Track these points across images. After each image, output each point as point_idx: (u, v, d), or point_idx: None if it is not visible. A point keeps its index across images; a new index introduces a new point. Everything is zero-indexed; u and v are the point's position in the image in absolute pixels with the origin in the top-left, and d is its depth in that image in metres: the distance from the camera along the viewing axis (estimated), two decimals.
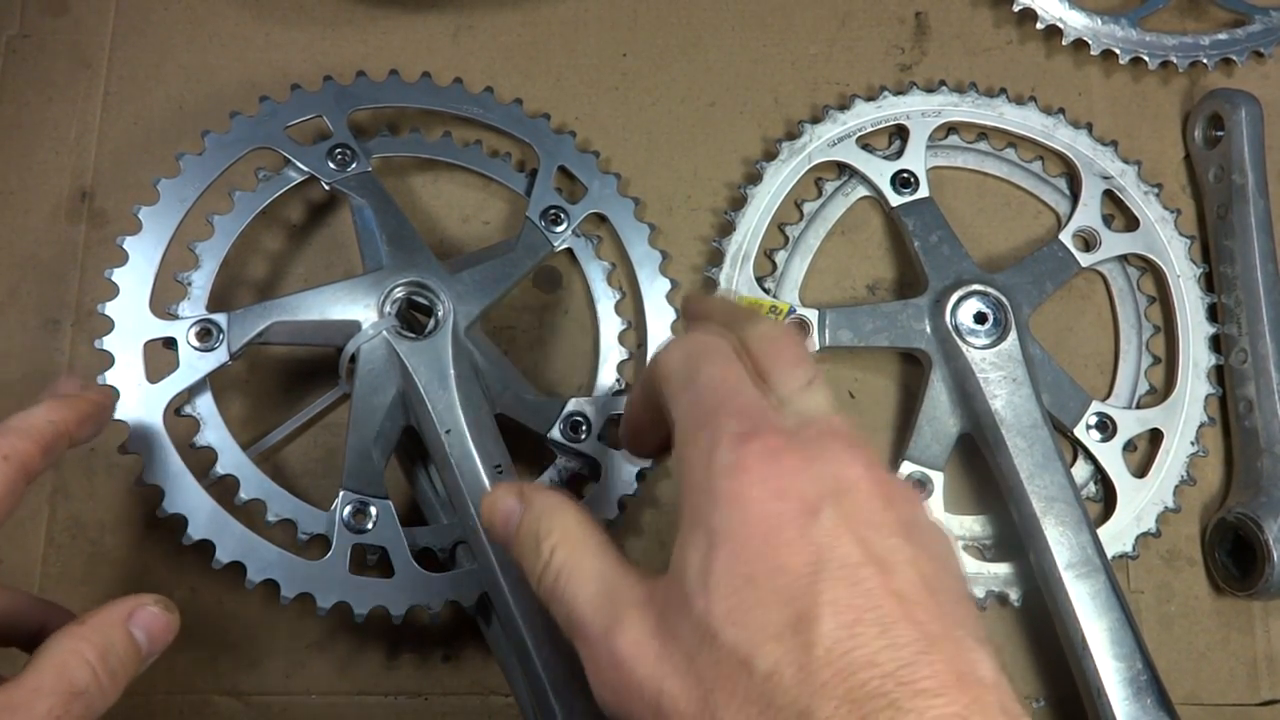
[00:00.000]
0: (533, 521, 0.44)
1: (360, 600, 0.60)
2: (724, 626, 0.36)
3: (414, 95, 0.71)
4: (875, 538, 0.37)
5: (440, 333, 0.62)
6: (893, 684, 0.34)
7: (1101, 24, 0.78)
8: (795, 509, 0.37)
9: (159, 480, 0.59)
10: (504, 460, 0.60)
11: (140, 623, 0.47)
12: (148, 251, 0.62)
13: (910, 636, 0.35)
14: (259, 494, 0.62)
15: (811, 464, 0.38)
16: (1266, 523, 0.67)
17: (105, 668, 0.44)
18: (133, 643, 0.46)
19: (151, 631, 0.47)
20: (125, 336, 0.61)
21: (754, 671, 0.35)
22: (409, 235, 0.65)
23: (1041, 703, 0.68)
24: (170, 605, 0.48)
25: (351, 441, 0.61)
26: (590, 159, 0.72)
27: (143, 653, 0.47)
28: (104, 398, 0.55)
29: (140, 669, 0.47)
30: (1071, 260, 0.73)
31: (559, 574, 0.42)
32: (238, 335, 0.61)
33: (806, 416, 0.41)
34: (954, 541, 0.41)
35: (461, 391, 0.60)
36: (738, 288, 0.70)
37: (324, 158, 0.66)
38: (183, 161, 0.64)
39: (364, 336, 0.61)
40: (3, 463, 0.46)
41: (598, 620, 0.40)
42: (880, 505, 0.38)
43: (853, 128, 0.74)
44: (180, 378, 0.60)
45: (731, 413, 0.40)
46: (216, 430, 0.62)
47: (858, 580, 0.36)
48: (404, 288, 0.63)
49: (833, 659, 0.35)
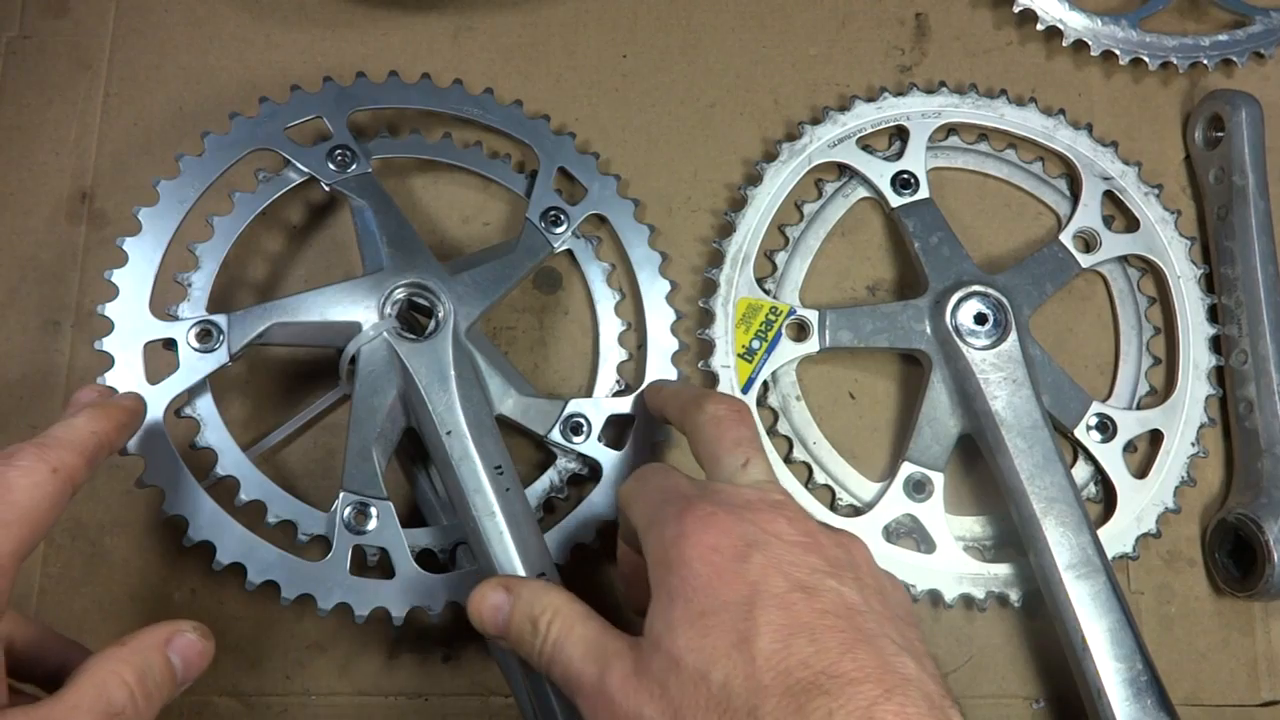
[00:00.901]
0: (525, 607, 0.50)
1: (361, 601, 0.60)
2: (685, 654, 0.44)
3: (414, 96, 0.71)
4: (799, 572, 0.46)
5: (441, 334, 0.62)
6: (824, 678, 0.42)
7: (1102, 25, 0.78)
8: (729, 555, 0.46)
9: (160, 482, 0.60)
10: (504, 461, 0.60)
11: (177, 648, 0.48)
12: (147, 253, 0.62)
13: (836, 642, 0.44)
14: (259, 495, 0.63)
15: (740, 522, 0.47)
16: (1267, 523, 0.67)
17: (143, 690, 0.45)
18: (169, 667, 0.47)
19: (187, 658, 0.48)
20: (125, 337, 0.61)
21: (711, 684, 0.43)
22: (409, 236, 0.65)
23: (1041, 703, 0.68)
24: (207, 633, 0.49)
25: (351, 443, 0.61)
26: (590, 160, 0.72)
27: (178, 678, 0.48)
28: (136, 404, 0.56)
29: (175, 694, 0.48)
30: (1072, 261, 0.73)
31: (556, 642, 0.49)
32: (238, 336, 0.61)
33: (742, 488, 0.51)
34: (894, 579, 0.51)
35: (462, 393, 0.60)
36: (738, 289, 0.70)
37: (324, 159, 0.66)
38: (182, 163, 0.64)
39: (364, 338, 0.61)
40: (51, 475, 0.46)
41: (590, 670, 0.47)
42: (801, 550, 0.47)
43: (853, 129, 0.74)
44: (180, 379, 0.61)
45: (673, 498, 0.49)
46: (216, 431, 0.63)
47: (788, 605, 0.45)
48: (404, 289, 0.63)
49: (772, 665, 0.43)
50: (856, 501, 0.70)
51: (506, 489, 0.59)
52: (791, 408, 0.71)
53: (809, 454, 0.70)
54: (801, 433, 0.71)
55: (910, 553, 0.68)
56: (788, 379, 0.72)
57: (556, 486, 0.67)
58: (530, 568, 0.57)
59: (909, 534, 0.69)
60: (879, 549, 0.67)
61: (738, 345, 0.69)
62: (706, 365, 0.69)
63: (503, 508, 0.58)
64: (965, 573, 0.67)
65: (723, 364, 0.69)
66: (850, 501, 0.70)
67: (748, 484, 0.52)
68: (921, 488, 0.68)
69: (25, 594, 0.66)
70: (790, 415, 0.71)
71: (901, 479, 0.68)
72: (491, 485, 0.58)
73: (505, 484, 0.59)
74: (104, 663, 0.45)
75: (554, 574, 0.58)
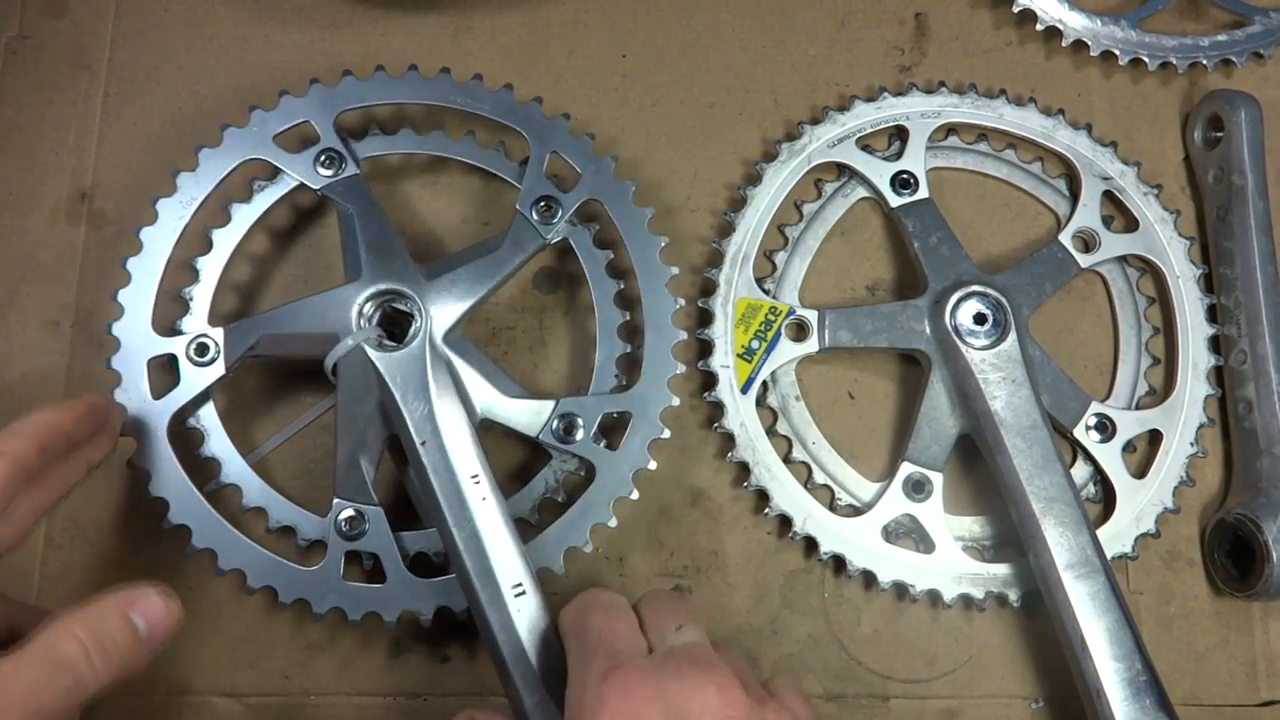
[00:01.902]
0: None
1: (353, 606, 0.61)
2: None
3: (400, 90, 0.69)
4: None
5: (416, 342, 0.62)
6: None
7: (1101, 25, 0.78)
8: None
9: (163, 493, 0.61)
10: (482, 470, 0.59)
11: (140, 610, 0.48)
12: (148, 271, 0.64)
13: None
14: (260, 502, 0.64)
15: (663, 694, 0.46)
16: (1266, 523, 0.67)
17: (98, 647, 0.46)
18: (130, 628, 0.48)
19: (151, 618, 0.48)
20: (130, 355, 0.63)
21: None
22: (388, 241, 0.65)
23: (1041, 703, 0.68)
24: (171, 594, 0.50)
25: (339, 452, 0.62)
26: (586, 143, 0.69)
27: (142, 639, 0.48)
28: (97, 399, 0.58)
29: (142, 656, 0.48)
30: (1071, 261, 0.73)
31: None
32: (232, 350, 0.63)
33: (674, 650, 0.49)
34: None
35: (437, 401, 0.60)
36: (737, 289, 0.70)
37: (312, 164, 0.66)
38: (179, 179, 0.66)
39: (341, 349, 0.61)
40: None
41: None
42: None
43: (852, 129, 0.74)
44: (181, 393, 0.63)
45: (602, 654, 0.48)
46: (219, 440, 0.65)
47: None
48: (378, 297, 0.63)
49: None
50: (856, 501, 0.70)
51: (483, 498, 0.59)
52: (791, 408, 0.71)
53: (808, 454, 0.70)
54: (801, 433, 0.71)
55: (909, 553, 0.68)
56: (787, 379, 0.72)
57: (552, 488, 0.67)
58: (505, 579, 0.57)
59: (908, 534, 0.69)
60: (878, 549, 0.67)
61: (737, 345, 0.69)
62: (706, 365, 0.69)
63: (478, 517, 0.58)
64: (964, 573, 0.67)
65: (722, 364, 0.69)
66: (849, 501, 0.70)
67: (682, 644, 0.50)
68: (921, 488, 0.68)
69: (24, 595, 0.66)
70: (789, 415, 0.71)
71: (901, 479, 0.68)
72: (468, 495, 0.58)
73: (482, 493, 0.59)
74: (58, 620, 0.46)
75: (531, 585, 0.57)
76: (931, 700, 0.68)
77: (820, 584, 0.69)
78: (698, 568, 0.69)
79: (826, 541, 0.67)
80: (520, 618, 0.56)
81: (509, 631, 0.56)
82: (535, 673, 0.55)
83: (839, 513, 0.69)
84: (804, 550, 0.69)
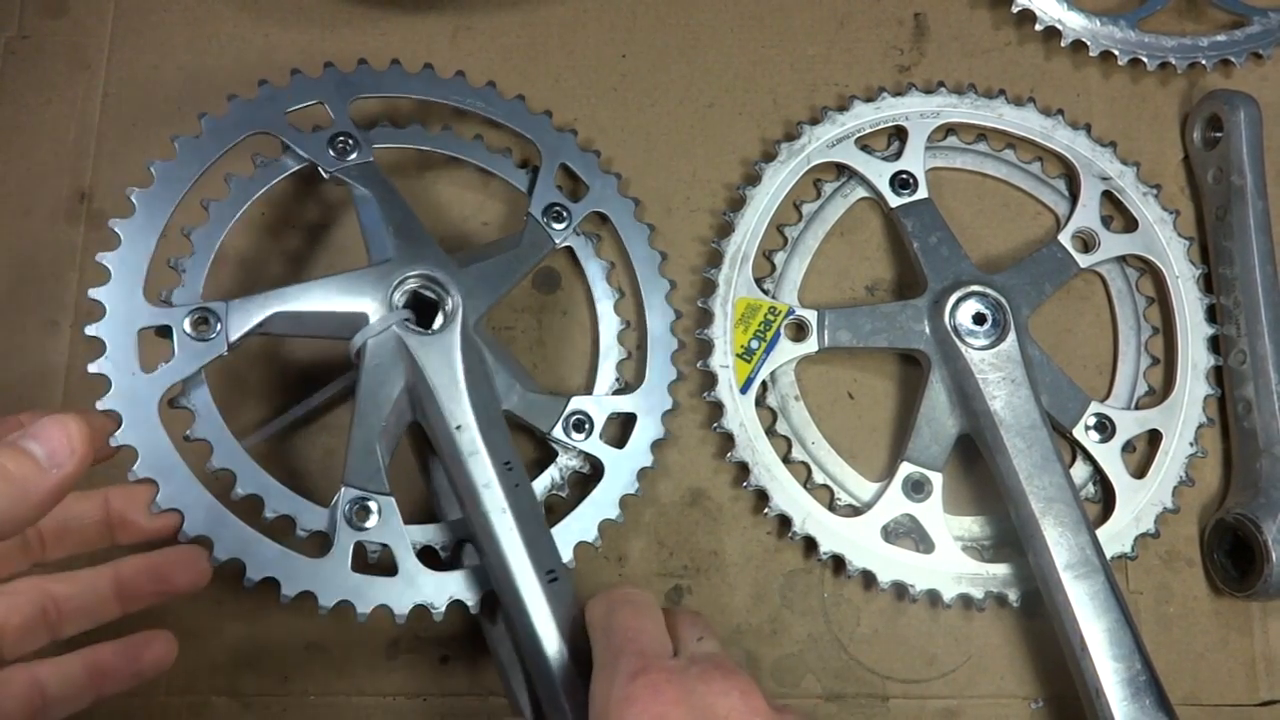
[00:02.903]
0: None
1: (363, 599, 0.58)
2: None
3: (416, 86, 0.70)
4: None
5: (450, 327, 0.61)
6: None
7: (1100, 25, 0.78)
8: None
9: (154, 474, 0.57)
10: (513, 457, 0.59)
11: (38, 439, 0.47)
12: (141, 236, 0.59)
13: None
14: (256, 489, 0.60)
15: (690, 695, 0.47)
16: (1265, 523, 0.67)
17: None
18: (24, 456, 0.46)
19: (51, 443, 0.47)
20: (118, 323, 0.58)
21: None
22: (415, 227, 0.64)
23: (1040, 703, 0.68)
24: (80, 421, 0.48)
25: (355, 436, 0.60)
26: (592, 158, 0.72)
27: (43, 465, 0.47)
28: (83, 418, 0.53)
29: (49, 481, 0.47)
30: (1070, 261, 0.73)
31: None
32: (236, 325, 0.59)
33: (698, 657, 0.50)
34: None
35: (471, 387, 0.60)
36: (736, 289, 0.70)
37: (325, 146, 0.64)
38: (178, 144, 0.62)
39: (373, 329, 0.60)
40: None
41: None
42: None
43: (851, 129, 0.74)
44: (175, 368, 0.58)
45: (631, 653, 0.49)
46: (212, 423, 0.60)
47: None
48: (415, 280, 0.62)
49: None
50: (855, 501, 0.70)
51: (516, 484, 0.58)
52: (790, 408, 0.71)
53: (807, 454, 0.70)
54: (800, 433, 0.71)
55: (909, 553, 0.68)
56: (786, 379, 0.72)
57: (558, 484, 0.67)
58: (539, 565, 0.57)
59: (907, 534, 0.69)
60: (878, 549, 0.67)
61: (736, 345, 0.69)
62: (705, 365, 0.69)
63: (512, 504, 0.58)
64: (964, 573, 0.67)
65: (721, 364, 0.69)
66: (849, 501, 0.70)
67: (704, 652, 0.52)
68: (920, 488, 0.68)
69: None
70: (789, 415, 0.71)
71: (900, 479, 0.68)
72: (501, 481, 0.58)
73: (514, 480, 0.58)
74: None
75: (562, 570, 0.58)
76: (931, 700, 0.68)
77: (820, 584, 0.69)
78: (697, 567, 0.69)
79: (826, 541, 0.67)
80: (555, 603, 0.56)
81: (543, 617, 0.56)
82: (567, 659, 0.55)
83: (838, 513, 0.69)
84: (803, 550, 0.69)
